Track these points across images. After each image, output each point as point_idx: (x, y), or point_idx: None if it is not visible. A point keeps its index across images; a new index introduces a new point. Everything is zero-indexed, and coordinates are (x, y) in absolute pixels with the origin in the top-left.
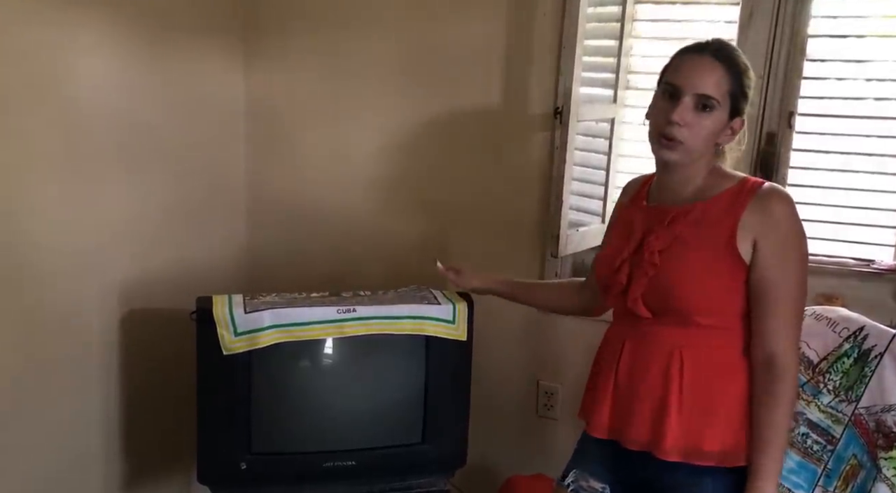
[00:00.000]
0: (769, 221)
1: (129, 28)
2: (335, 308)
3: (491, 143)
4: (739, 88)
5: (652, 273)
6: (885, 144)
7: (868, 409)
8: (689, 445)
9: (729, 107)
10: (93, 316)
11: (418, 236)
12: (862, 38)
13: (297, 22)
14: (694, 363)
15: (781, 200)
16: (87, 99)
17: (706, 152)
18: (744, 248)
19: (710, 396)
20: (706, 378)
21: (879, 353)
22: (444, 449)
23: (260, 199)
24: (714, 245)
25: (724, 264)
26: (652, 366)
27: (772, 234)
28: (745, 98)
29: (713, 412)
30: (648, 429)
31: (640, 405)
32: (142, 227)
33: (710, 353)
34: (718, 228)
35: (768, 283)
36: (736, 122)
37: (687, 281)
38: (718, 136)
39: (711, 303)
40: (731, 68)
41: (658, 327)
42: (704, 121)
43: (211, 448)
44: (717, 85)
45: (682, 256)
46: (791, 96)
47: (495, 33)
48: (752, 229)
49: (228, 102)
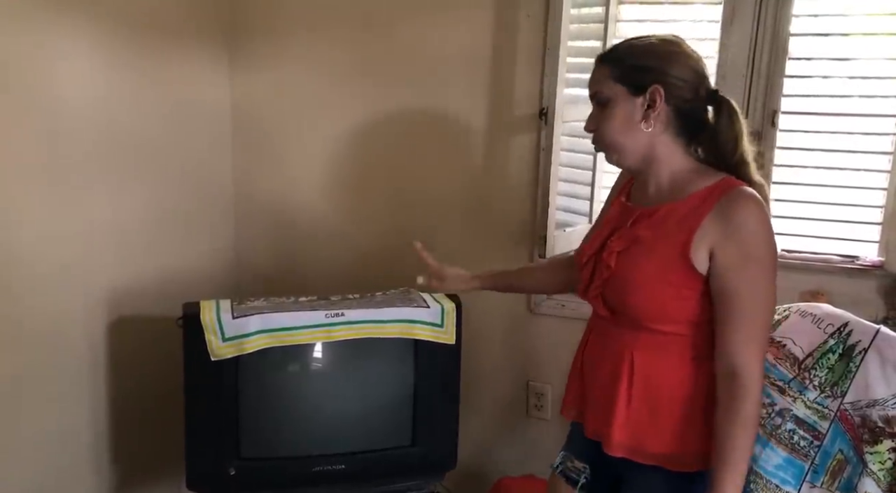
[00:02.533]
0: (727, 229)
1: (114, 34)
2: (323, 313)
3: (477, 144)
4: (625, 67)
5: (607, 275)
6: (869, 141)
7: (853, 404)
8: (634, 443)
9: (626, 88)
10: (79, 324)
11: (406, 239)
12: (845, 37)
13: (282, 25)
14: (643, 366)
15: (745, 206)
16: (72, 105)
17: (641, 143)
18: (699, 257)
19: (656, 399)
20: (655, 382)
21: (864, 348)
22: (434, 452)
23: (247, 203)
24: (669, 252)
25: (676, 271)
26: (605, 363)
27: (730, 242)
28: (640, 69)
29: (658, 415)
30: (600, 420)
31: (594, 395)
32: (128, 233)
33: (660, 358)
34: (677, 233)
35: (728, 294)
36: (648, 94)
37: (638, 287)
38: (634, 120)
39: (660, 310)
40: (612, 60)
41: (614, 326)
42: (605, 115)
43: (199, 455)
44: (601, 79)
45: (637, 260)
46: (774, 95)
47: (480, 35)
48: (710, 237)
49: (214, 106)
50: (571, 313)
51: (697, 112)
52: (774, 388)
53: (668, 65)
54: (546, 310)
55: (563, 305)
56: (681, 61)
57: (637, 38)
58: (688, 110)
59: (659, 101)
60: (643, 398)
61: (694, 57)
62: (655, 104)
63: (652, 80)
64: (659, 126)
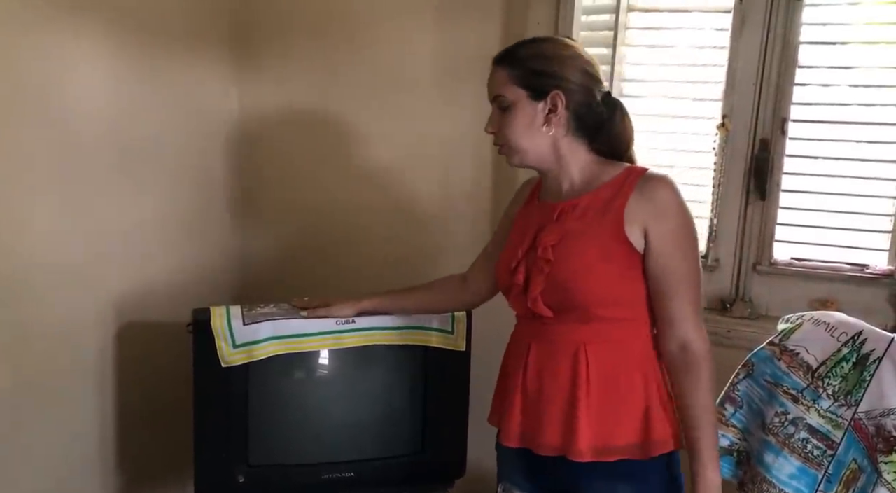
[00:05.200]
0: (656, 208)
1: (123, 40)
2: (334, 319)
3: (486, 152)
4: (525, 71)
5: (547, 270)
6: (878, 149)
7: (867, 413)
8: (601, 443)
9: (527, 92)
10: (88, 329)
11: (414, 246)
12: (853, 45)
13: (289, 33)
14: (598, 359)
15: (664, 186)
16: (81, 111)
17: (543, 145)
18: (634, 236)
19: (617, 391)
20: (613, 373)
21: (878, 357)
22: (443, 459)
23: (254, 209)
24: (603, 235)
25: (615, 252)
26: (559, 367)
27: (661, 220)
28: (540, 75)
29: (622, 406)
30: (560, 432)
31: (549, 408)
32: (136, 239)
33: (614, 346)
34: (606, 216)
35: (667, 270)
36: (549, 99)
37: (581, 273)
38: (536, 123)
39: (608, 293)
40: (511, 61)
41: (561, 325)
42: (508, 118)
43: (208, 462)
44: (501, 82)
45: (574, 248)
46: (784, 103)
47: (490, 43)
48: (640, 217)
49: (221, 113)
50: None
51: (595, 114)
52: (788, 396)
53: (567, 70)
54: None
55: None
56: (578, 66)
57: (534, 41)
58: (586, 112)
59: (560, 106)
60: (604, 393)
61: (590, 61)
62: (557, 109)
63: (553, 86)
64: (560, 129)
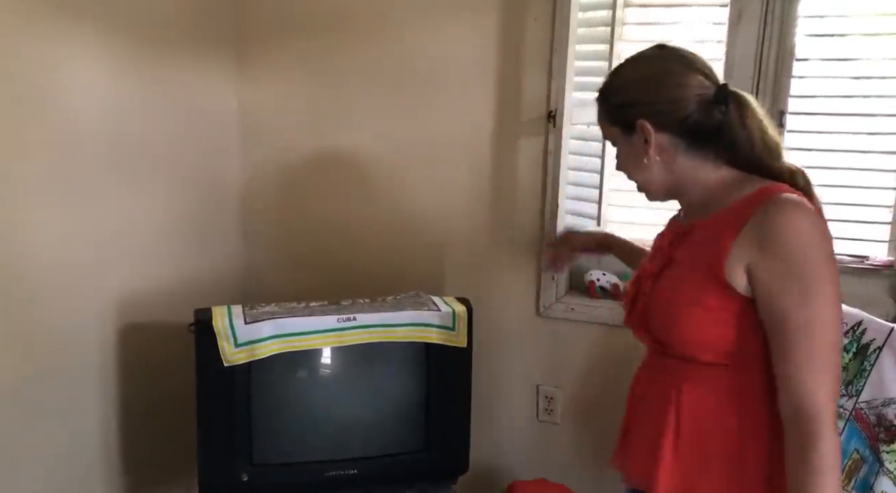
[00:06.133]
0: (763, 242)
1: (122, 41)
2: (335, 317)
3: (485, 148)
4: (610, 107)
5: (645, 301)
6: (877, 140)
7: (868, 403)
8: (683, 491)
9: (620, 128)
10: (90, 331)
11: (414, 244)
12: (851, 37)
13: (290, 32)
14: (691, 402)
15: (781, 213)
16: (80, 112)
17: (658, 174)
18: (735, 274)
19: (706, 440)
20: (703, 420)
21: (878, 347)
22: (446, 456)
23: (255, 209)
24: (701, 271)
25: (711, 294)
26: (653, 400)
27: (767, 256)
28: (622, 108)
29: (709, 458)
30: (644, 468)
31: (638, 440)
32: (137, 240)
33: (708, 392)
34: (708, 251)
35: (776, 319)
36: (638, 129)
37: (669, 311)
38: (640, 157)
39: (700, 338)
40: (601, 100)
41: (664, 358)
42: (619, 157)
43: (212, 461)
44: (601, 121)
45: (670, 283)
46: (782, 96)
47: (487, 39)
48: (746, 253)
49: (222, 112)
50: (580, 316)
51: (703, 123)
52: None
53: (648, 93)
54: (555, 313)
55: (572, 308)
56: (663, 82)
57: (618, 68)
58: (689, 126)
59: (651, 133)
60: (692, 439)
61: (676, 70)
62: (649, 138)
63: (635, 115)
64: (665, 154)
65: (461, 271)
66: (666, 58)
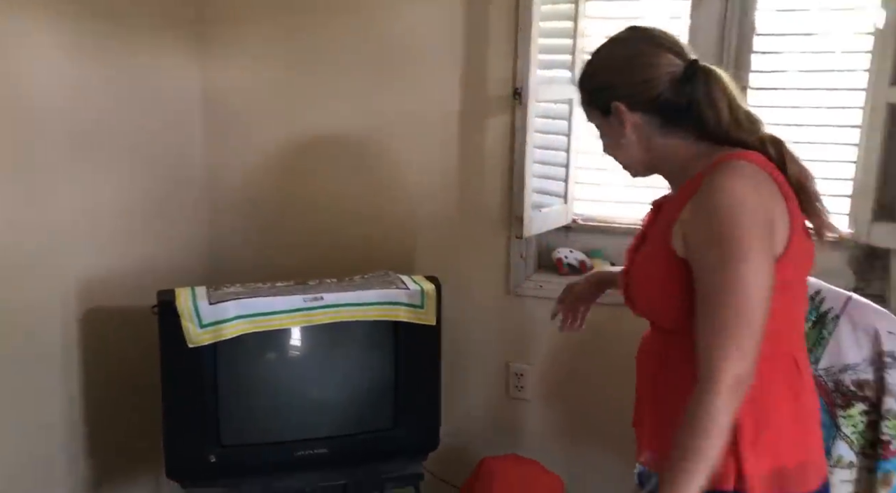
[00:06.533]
0: (697, 206)
1: (80, 22)
2: (301, 297)
3: (452, 127)
4: (587, 92)
5: (625, 277)
6: (838, 115)
7: (827, 370)
8: (660, 456)
9: (599, 111)
10: (52, 315)
11: (383, 223)
12: (812, 12)
13: (252, 11)
14: (667, 371)
15: (722, 177)
16: (39, 95)
17: (637, 154)
18: (677, 242)
19: (670, 408)
20: (672, 389)
21: (836, 315)
22: (416, 433)
23: (219, 191)
24: (660, 244)
25: (668, 264)
26: (644, 368)
27: (698, 220)
28: (597, 91)
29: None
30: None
31: (638, 405)
32: (99, 223)
33: (680, 361)
34: (666, 223)
35: (696, 280)
36: (613, 111)
37: (641, 285)
38: (619, 138)
39: (663, 308)
40: (580, 85)
41: (654, 331)
42: (603, 139)
43: (178, 443)
44: (583, 105)
45: (642, 258)
46: (743, 71)
47: (452, 17)
48: (687, 218)
49: (184, 93)
50: (549, 293)
51: (673, 101)
52: None
53: (621, 75)
54: (525, 291)
55: (541, 286)
56: (634, 64)
57: (594, 54)
58: (661, 105)
59: (626, 114)
60: (666, 408)
61: (647, 51)
62: (624, 119)
63: (610, 97)
64: (641, 133)
65: (431, 250)
66: (637, 39)
